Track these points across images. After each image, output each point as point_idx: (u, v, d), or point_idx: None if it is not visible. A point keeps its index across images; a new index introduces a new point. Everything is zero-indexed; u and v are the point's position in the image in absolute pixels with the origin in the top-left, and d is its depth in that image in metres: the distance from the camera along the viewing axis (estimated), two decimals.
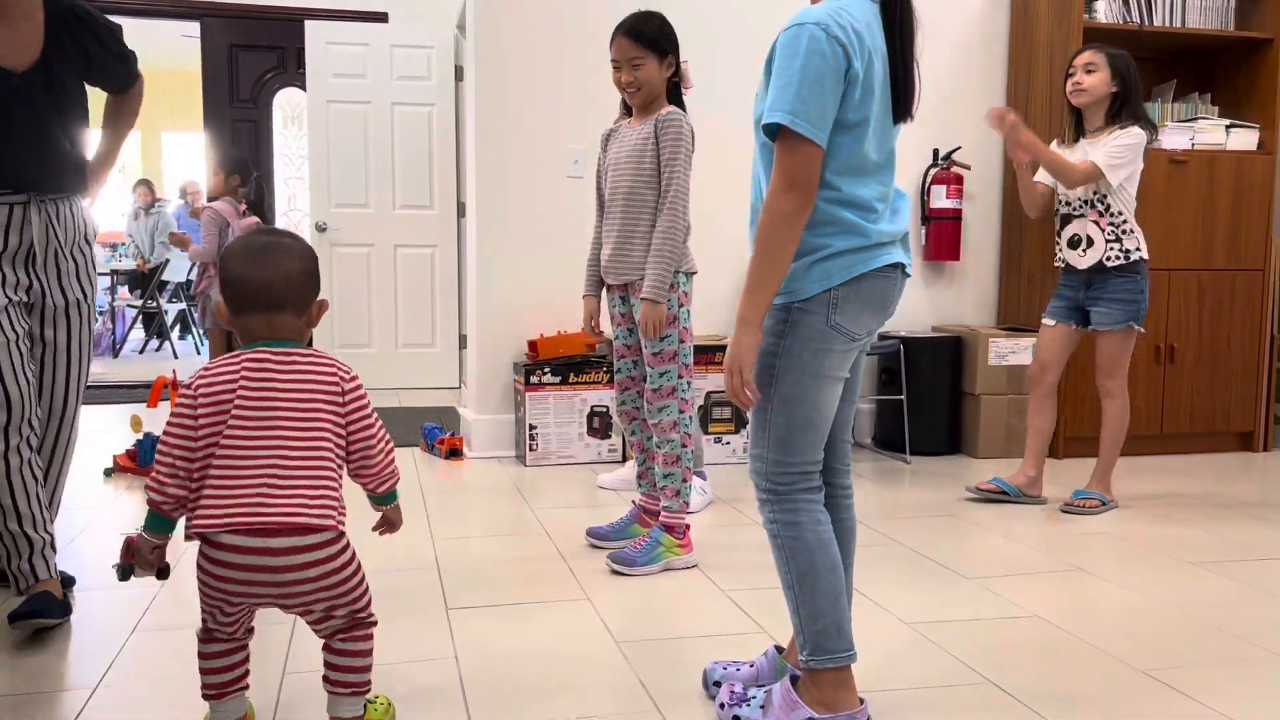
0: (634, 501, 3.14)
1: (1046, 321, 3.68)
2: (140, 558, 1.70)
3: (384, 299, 6.58)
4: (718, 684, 1.99)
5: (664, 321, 2.81)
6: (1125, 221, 3.47)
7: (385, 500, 1.83)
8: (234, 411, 1.64)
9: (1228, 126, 4.59)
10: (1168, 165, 4.48)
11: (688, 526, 2.93)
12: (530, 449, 4.22)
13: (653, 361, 2.88)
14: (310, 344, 1.77)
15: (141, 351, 8.50)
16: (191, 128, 11.77)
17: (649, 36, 2.81)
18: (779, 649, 2.03)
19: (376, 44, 6.41)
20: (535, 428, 4.22)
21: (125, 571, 1.71)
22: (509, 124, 4.38)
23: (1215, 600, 2.63)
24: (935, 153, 4.77)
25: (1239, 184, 4.57)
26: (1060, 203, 3.62)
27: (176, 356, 8.27)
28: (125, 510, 3.49)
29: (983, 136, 4.76)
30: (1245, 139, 4.60)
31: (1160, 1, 4.56)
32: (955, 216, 4.73)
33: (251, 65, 7.14)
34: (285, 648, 2.22)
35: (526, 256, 4.43)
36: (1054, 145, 3.60)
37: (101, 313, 7.71)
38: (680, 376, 2.90)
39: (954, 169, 4.71)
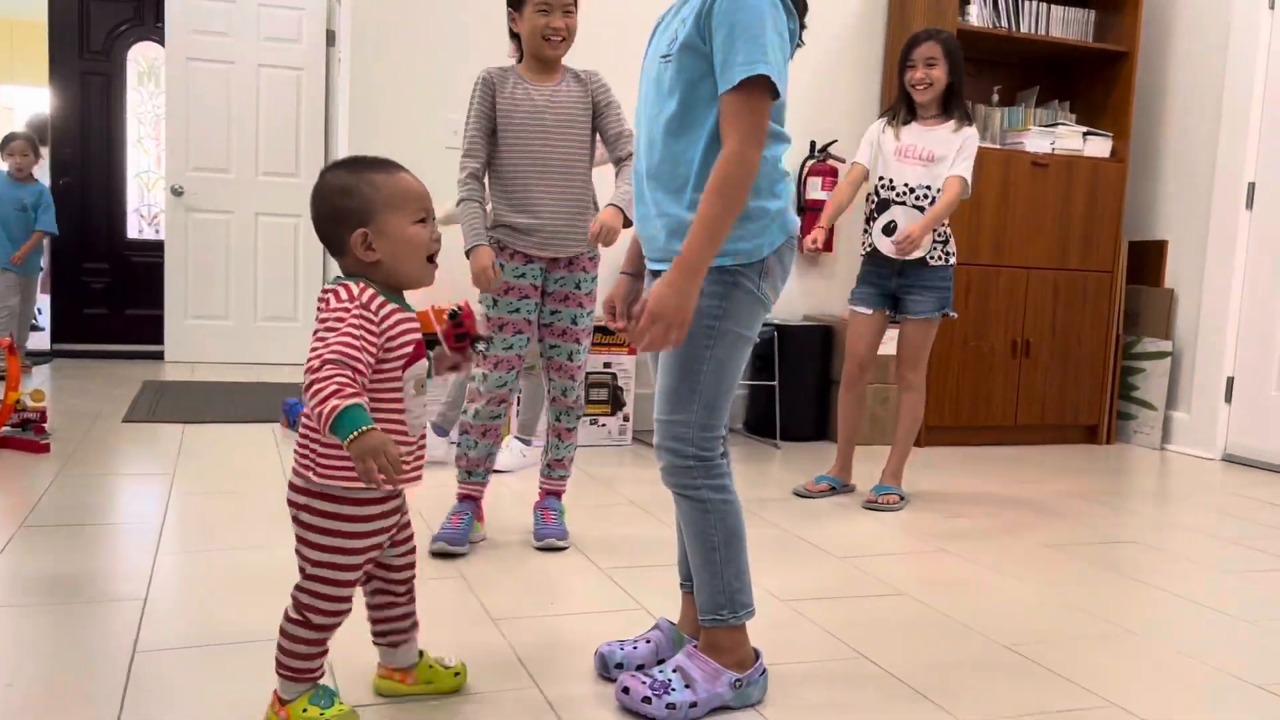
0: (471, 497, 2.82)
1: (861, 310, 3.52)
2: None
3: (243, 269, 6.30)
4: (619, 666, 1.90)
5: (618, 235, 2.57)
6: (947, 224, 3.44)
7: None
8: None
9: (1085, 134, 4.82)
10: (1030, 167, 4.67)
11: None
12: None
13: (581, 336, 2.79)
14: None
15: None
16: (34, 82, 11.00)
17: None
18: (670, 621, 2.00)
19: (243, 1, 6.12)
20: None
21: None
22: (384, 91, 4.24)
23: (1071, 580, 2.75)
24: (812, 145, 4.85)
25: (1094, 189, 4.80)
26: (881, 185, 3.47)
27: None
28: None
29: (857, 130, 4.83)
30: (1100, 146, 4.84)
31: (1027, 10, 4.75)
32: None
33: (105, 16, 6.73)
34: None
35: None
36: (881, 126, 3.52)
37: None
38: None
39: (829, 161, 4.80)
